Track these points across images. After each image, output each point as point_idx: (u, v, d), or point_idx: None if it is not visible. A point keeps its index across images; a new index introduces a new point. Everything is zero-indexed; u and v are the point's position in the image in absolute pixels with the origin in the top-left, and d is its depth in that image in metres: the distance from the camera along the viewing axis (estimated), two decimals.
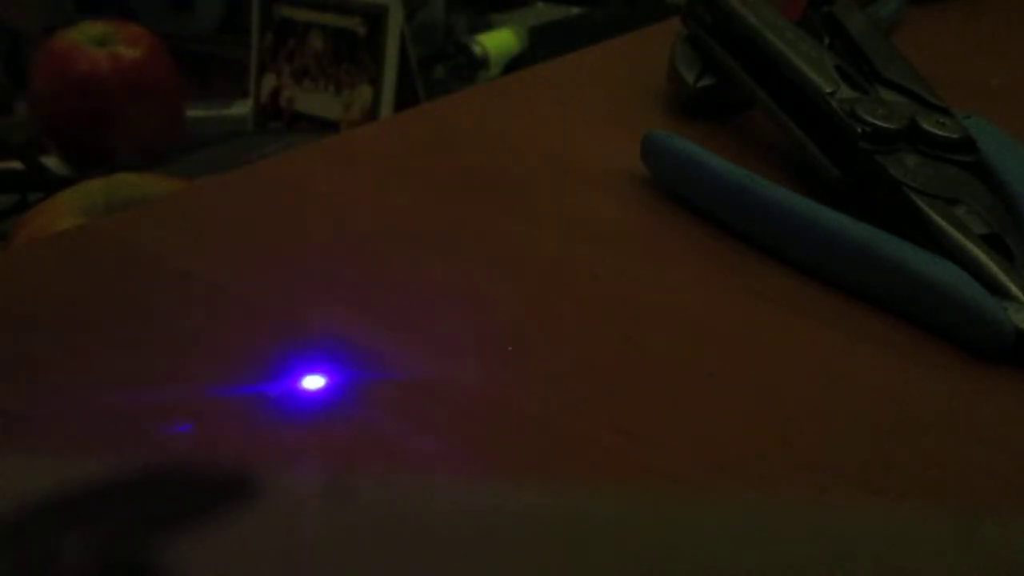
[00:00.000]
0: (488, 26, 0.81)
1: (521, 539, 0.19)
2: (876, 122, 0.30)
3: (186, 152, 0.60)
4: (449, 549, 0.18)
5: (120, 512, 0.19)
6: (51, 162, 0.64)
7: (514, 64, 0.76)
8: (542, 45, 0.78)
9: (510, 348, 0.24)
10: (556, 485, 0.20)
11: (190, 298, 0.25)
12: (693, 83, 0.37)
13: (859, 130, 0.29)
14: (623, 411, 0.22)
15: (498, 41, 0.77)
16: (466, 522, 0.19)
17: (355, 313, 0.25)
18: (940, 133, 0.29)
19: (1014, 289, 0.25)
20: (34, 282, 0.26)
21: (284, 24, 0.76)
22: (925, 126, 0.30)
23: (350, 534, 0.19)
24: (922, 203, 0.27)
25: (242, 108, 0.76)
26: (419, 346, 0.24)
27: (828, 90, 0.31)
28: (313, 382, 0.22)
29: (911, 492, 0.20)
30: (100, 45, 0.63)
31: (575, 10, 0.85)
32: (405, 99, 0.72)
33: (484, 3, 0.86)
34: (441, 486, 0.20)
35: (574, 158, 0.34)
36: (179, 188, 0.42)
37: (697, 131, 0.36)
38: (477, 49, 0.76)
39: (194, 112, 0.72)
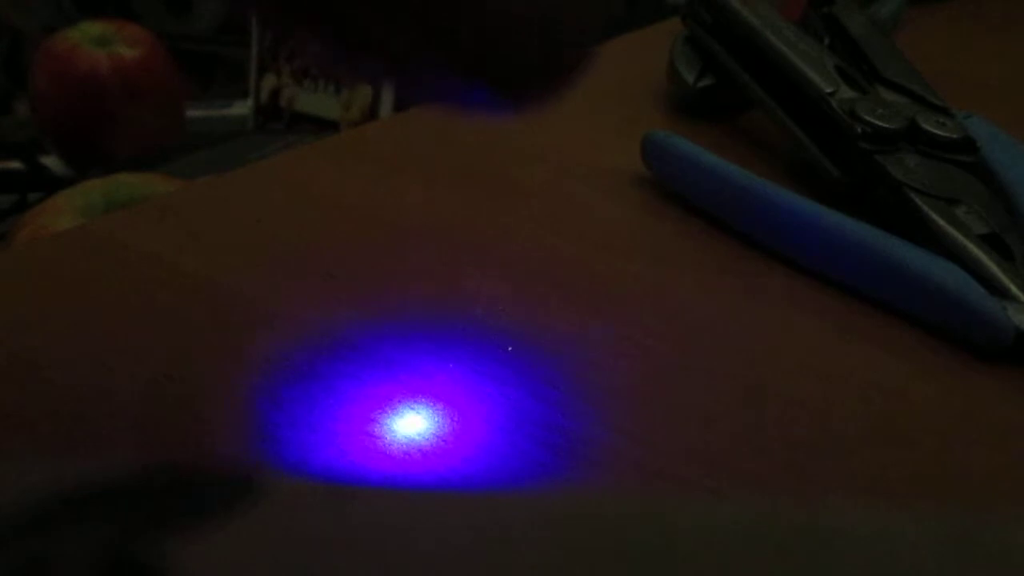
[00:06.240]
0: None
1: (520, 539, 0.19)
2: (876, 122, 0.30)
3: (186, 152, 0.60)
4: (448, 548, 0.18)
5: (120, 512, 0.19)
6: (51, 162, 0.64)
7: None
8: None
9: (510, 348, 0.24)
10: (556, 485, 0.20)
11: (190, 298, 0.25)
12: (693, 83, 0.37)
13: (859, 130, 0.29)
14: (623, 411, 0.22)
15: None
16: (465, 523, 0.19)
17: (354, 313, 0.25)
18: (940, 133, 0.29)
19: (1014, 289, 0.25)
20: (34, 282, 0.26)
21: None
22: (925, 126, 0.30)
23: (348, 534, 0.19)
24: (922, 203, 0.27)
25: (242, 108, 0.76)
26: (419, 345, 0.24)
27: (828, 90, 0.31)
28: (314, 382, 0.22)
29: (911, 492, 0.20)
30: (100, 45, 0.63)
31: None
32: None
33: None
34: (441, 486, 0.20)
35: (574, 158, 0.34)
36: (179, 188, 0.42)
37: (697, 131, 0.36)
38: None
39: (194, 112, 0.72)
